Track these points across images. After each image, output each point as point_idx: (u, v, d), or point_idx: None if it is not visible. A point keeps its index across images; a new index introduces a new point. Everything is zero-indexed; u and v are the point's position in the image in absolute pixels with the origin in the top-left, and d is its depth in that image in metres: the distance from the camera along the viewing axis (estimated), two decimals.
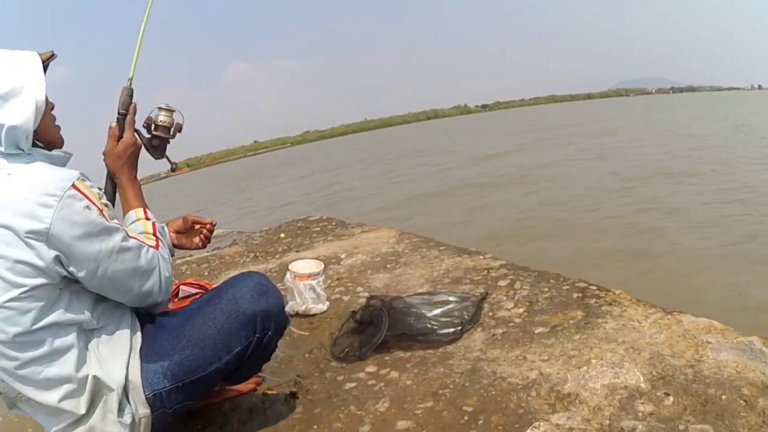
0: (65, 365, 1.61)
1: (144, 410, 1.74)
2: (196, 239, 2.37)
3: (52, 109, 1.75)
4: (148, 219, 1.98)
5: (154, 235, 1.91)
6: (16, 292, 1.50)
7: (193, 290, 3.87)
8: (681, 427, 1.81)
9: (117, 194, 2.06)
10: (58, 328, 1.60)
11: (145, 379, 1.75)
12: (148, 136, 2.12)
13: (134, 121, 2.08)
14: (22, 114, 1.58)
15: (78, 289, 1.65)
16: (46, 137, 1.73)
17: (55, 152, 1.75)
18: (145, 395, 1.74)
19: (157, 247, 1.83)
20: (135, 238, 1.74)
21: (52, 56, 1.74)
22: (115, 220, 1.68)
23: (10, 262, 1.48)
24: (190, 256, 6.15)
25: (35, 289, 1.52)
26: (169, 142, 2.16)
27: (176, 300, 3.71)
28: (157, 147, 2.14)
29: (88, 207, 1.56)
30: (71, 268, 1.56)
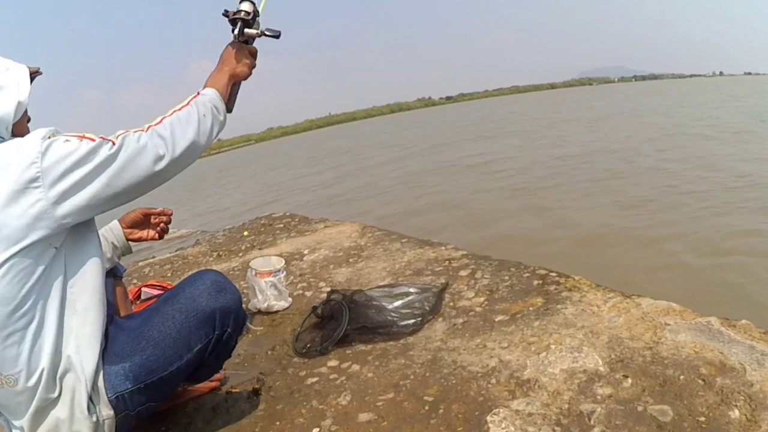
0: (41, 342, 1.61)
1: (107, 412, 1.72)
2: (152, 231, 2.37)
3: (29, 121, 1.82)
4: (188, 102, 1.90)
5: (188, 100, 1.88)
6: (15, 248, 1.51)
7: (156, 292, 3.83)
8: (639, 409, 1.83)
9: None
10: (46, 294, 1.61)
11: (107, 381, 1.72)
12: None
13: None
14: (3, 107, 1.66)
15: (71, 254, 1.67)
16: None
17: None
18: (108, 397, 1.72)
19: (160, 122, 1.78)
20: (124, 133, 1.70)
21: (38, 71, 1.83)
22: (101, 136, 1.67)
23: (10, 218, 1.50)
24: (153, 257, 6.09)
25: (34, 245, 1.54)
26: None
27: (138, 302, 3.67)
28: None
29: (67, 140, 1.59)
30: (83, 192, 1.58)
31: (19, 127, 1.75)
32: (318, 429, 2.09)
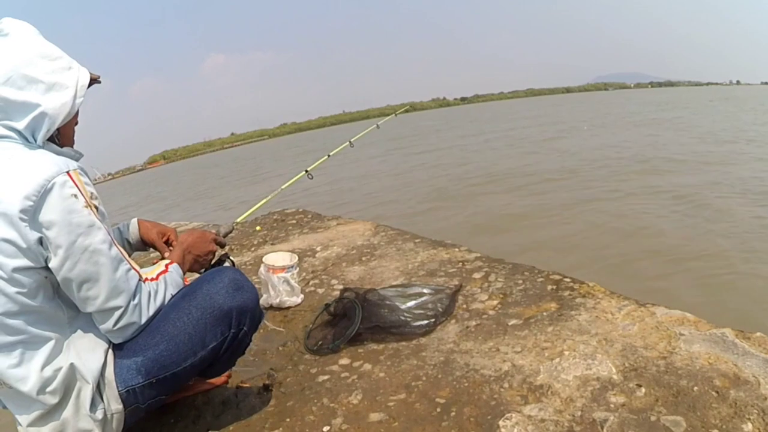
0: (43, 351, 1.61)
1: (117, 406, 1.73)
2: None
3: (76, 124, 1.82)
4: (166, 267, 1.98)
5: (157, 274, 1.91)
6: (12, 264, 1.51)
7: None
8: (653, 419, 1.81)
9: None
10: (38, 315, 1.60)
11: (119, 375, 1.73)
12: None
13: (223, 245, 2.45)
14: (55, 106, 1.64)
15: None
16: (63, 142, 1.77)
17: (66, 149, 1.76)
18: (119, 391, 1.73)
19: (145, 280, 1.82)
20: (123, 254, 1.71)
21: (98, 80, 1.83)
22: (105, 224, 1.66)
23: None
24: None
25: (19, 271, 1.52)
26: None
27: None
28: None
29: (75, 195, 1.56)
30: (48, 253, 1.55)
31: (66, 130, 1.76)
32: (328, 427, 2.09)
